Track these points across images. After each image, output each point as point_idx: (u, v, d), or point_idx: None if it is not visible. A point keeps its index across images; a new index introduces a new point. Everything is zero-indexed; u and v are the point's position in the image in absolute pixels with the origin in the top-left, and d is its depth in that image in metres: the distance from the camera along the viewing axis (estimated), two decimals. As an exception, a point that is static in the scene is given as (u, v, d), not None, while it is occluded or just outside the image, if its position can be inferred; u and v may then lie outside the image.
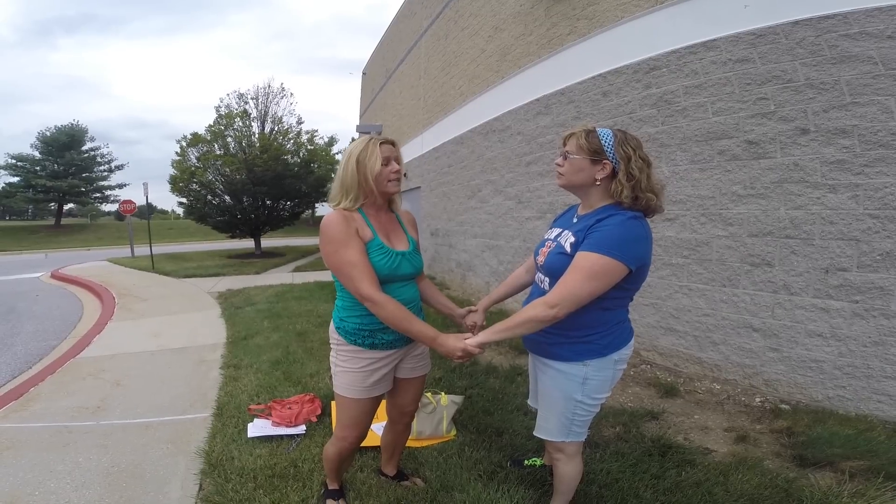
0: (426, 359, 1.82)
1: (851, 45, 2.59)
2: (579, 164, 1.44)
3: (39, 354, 4.36)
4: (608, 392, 1.56)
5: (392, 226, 1.68)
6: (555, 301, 1.34)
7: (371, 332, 1.59)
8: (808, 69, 2.75)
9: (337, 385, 1.66)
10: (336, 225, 1.48)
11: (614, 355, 1.49)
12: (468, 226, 6.77)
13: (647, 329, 3.68)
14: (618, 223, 1.35)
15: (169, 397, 3.10)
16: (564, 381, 1.51)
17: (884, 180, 2.52)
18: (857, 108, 2.59)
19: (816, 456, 2.18)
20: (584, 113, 4.28)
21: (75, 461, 2.29)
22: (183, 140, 14.28)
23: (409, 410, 1.87)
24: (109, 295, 7.35)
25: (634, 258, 1.34)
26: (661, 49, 3.51)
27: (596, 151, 1.41)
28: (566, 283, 1.35)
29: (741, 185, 3.08)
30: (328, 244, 1.49)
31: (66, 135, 32.48)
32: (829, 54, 2.67)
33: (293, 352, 3.89)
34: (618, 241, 1.32)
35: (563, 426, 1.56)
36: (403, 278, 1.62)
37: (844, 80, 2.63)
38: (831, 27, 2.65)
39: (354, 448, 1.77)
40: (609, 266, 1.31)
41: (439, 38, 7.96)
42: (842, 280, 2.67)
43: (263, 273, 10.46)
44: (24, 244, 26.25)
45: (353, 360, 1.61)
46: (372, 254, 1.52)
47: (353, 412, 1.66)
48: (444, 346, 1.49)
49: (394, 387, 1.79)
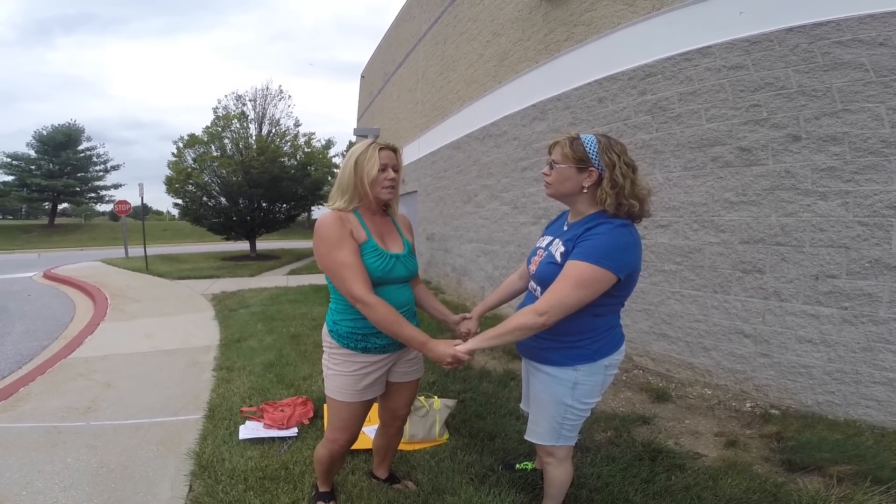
0: (419, 363, 1.81)
1: (843, 52, 2.62)
2: (566, 173, 1.44)
3: (30, 355, 4.32)
4: (598, 397, 1.57)
5: (387, 228, 1.68)
6: (544, 309, 1.35)
7: (364, 336, 1.58)
8: (801, 76, 2.78)
9: (328, 388, 1.65)
10: (330, 225, 1.49)
11: (604, 360, 1.50)
12: (464, 230, 6.78)
13: (640, 334, 3.70)
14: (606, 231, 1.36)
15: (160, 399, 3.08)
16: (555, 386, 1.52)
17: (873, 188, 2.55)
18: (848, 116, 2.62)
19: (805, 461, 2.20)
20: (580, 119, 4.31)
21: (64, 461, 2.27)
22: (180, 141, 14.27)
23: (402, 414, 1.87)
24: (102, 295, 7.30)
25: (622, 266, 1.35)
26: (656, 55, 3.54)
27: (581, 159, 1.41)
28: (555, 291, 1.36)
29: (733, 191, 3.11)
30: (322, 244, 1.49)
31: (63, 134, 32.32)
32: (821, 61, 2.70)
33: (286, 354, 3.88)
34: (605, 250, 1.33)
35: (553, 430, 1.57)
36: (397, 281, 1.61)
37: (836, 88, 2.66)
38: (824, 34, 2.68)
39: (345, 451, 1.76)
40: (597, 275, 1.33)
41: (438, 42, 8.00)
42: (831, 287, 2.70)
43: (258, 275, 10.43)
44: (17, 243, 26.02)
45: (346, 363, 1.61)
46: (366, 255, 1.52)
47: (344, 415, 1.65)
48: (433, 351, 1.48)
49: (386, 391, 1.79)
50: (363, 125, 14.65)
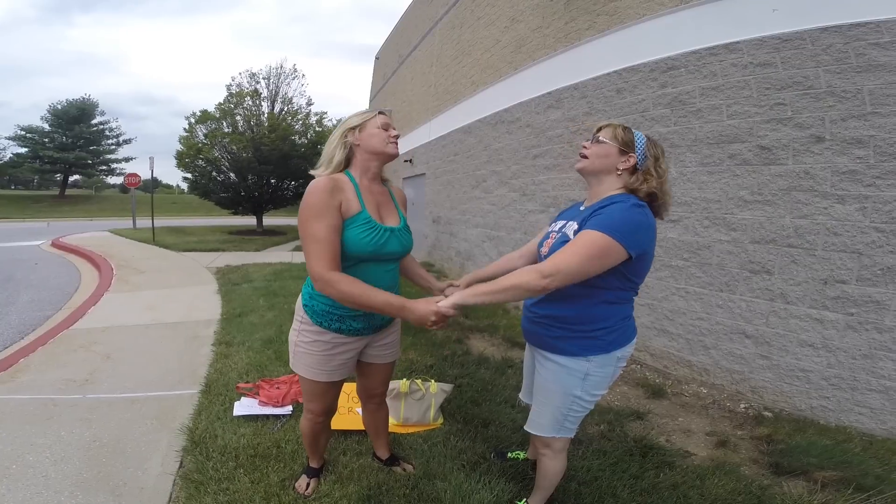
0: (395, 347, 1.77)
1: (880, 53, 2.52)
2: (608, 150, 1.47)
3: (34, 324, 4.36)
4: (606, 389, 1.54)
5: (384, 199, 1.60)
6: (549, 271, 1.29)
7: (340, 318, 1.53)
8: (831, 76, 2.68)
9: (295, 364, 1.61)
10: (319, 193, 1.39)
11: (617, 352, 1.47)
12: (470, 215, 6.73)
13: (641, 329, 3.66)
14: (622, 208, 1.36)
15: (158, 372, 3.09)
16: (565, 376, 1.49)
17: (894, 193, 2.47)
18: (877, 119, 2.53)
19: (792, 464, 2.19)
20: (596, 109, 4.21)
21: (57, 435, 2.27)
22: (192, 117, 14.30)
23: (378, 392, 1.85)
24: (108, 266, 7.36)
25: (635, 244, 1.31)
26: (680, 49, 3.43)
27: (627, 144, 1.46)
28: (563, 254, 1.32)
29: (748, 190, 3.03)
30: (305, 209, 1.39)
31: (77, 108, 32.68)
32: (854, 62, 2.60)
33: (286, 331, 3.81)
34: (620, 223, 1.31)
35: (556, 421, 1.54)
36: (389, 258, 1.54)
37: (867, 90, 2.56)
38: (861, 35, 2.58)
39: (325, 422, 1.75)
40: (608, 246, 1.29)
41: (454, 26, 7.85)
42: (839, 292, 2.64)
43: (263, 251, 10.48)
44: (28, 213, 26.35)
45: (315, 342, 1.56)
46: (355, 228, 1.44)
47: (315, 390, 1.63)
48: (414, 312, 1.37)
49: (360, 369, 1.76)
50: (375, 107, 14.52)
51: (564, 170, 4.58)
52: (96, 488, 1.89)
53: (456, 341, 3.91)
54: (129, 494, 1.87)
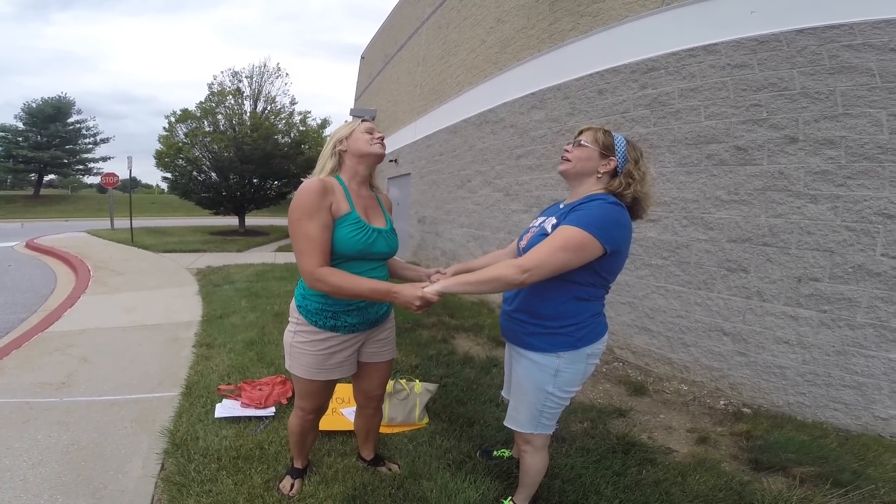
0: (391, 344, 1.80)
1: (852, 55, 2.59)
2: (589, 154, 1.51)
3: (7, 328, 4.21)
4: (579, 386, 1.57)
5: (372, 202, 1.66)
6: (528, 266, 1.35)
7: (334, 314, 1.56)
8: (805, 78, 2.76)
9: (292, 365, 1.63)
10: (310, 194, 1.44)
11: (587, 349, 1.50)
12: (455, 215, 6.74)
13: (623, 327, 3.71)
14: (599, 205, 1.41)
15: (137, 375, 3.03)
16: (537, 372, 1.52)
17: (864, 193, 2.55)
18: (848, 120, 2.61)
19: (771, 460, 2.23)
20: (578, 109, 4.26)
21: (34, 438, 2.21)
22: (172, 115, 14.02)
23: (376, 395, 1.85)
24: (85, 267, 7.17)
25: (611, 240, 1.37)
26: (661, 50, 3.50)
27: (607, 147, 1.50)
28: (541, 249, 1.37)
29: (725, 190, 3.10)
30: (296, 210, 1.44)
31: (53, 107, 31.69)
32: (828, 64, 2.67)
33: (269, 332, 3.84)
34: (597, 219, 1.36)
35: (532, 417, 1.57)
36: (377, 258, 1.59)
37: (839, 91, 2.64)
38: (835, 37, 2.65)
39: (315, 421, 1.76)
40: (585, 241, 1.34)
41: (441, 26, 7.85)
42: (813, 289, 2.72)
43: (245, 251, 10.33)
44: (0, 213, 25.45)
45: (312, 342, 1.58)
46: (345, 228, 1.48)
47: (310, 389, 1.64)
48: (400, 295, 1.41)
49: (358, 371, 1.77)
50: (360, 106, 14.43)
51: (547, 170, 4.63)
52: (76, 492, 1.86)
53: (441, 341, 3.91)
54: (109, 497, 1.84)
